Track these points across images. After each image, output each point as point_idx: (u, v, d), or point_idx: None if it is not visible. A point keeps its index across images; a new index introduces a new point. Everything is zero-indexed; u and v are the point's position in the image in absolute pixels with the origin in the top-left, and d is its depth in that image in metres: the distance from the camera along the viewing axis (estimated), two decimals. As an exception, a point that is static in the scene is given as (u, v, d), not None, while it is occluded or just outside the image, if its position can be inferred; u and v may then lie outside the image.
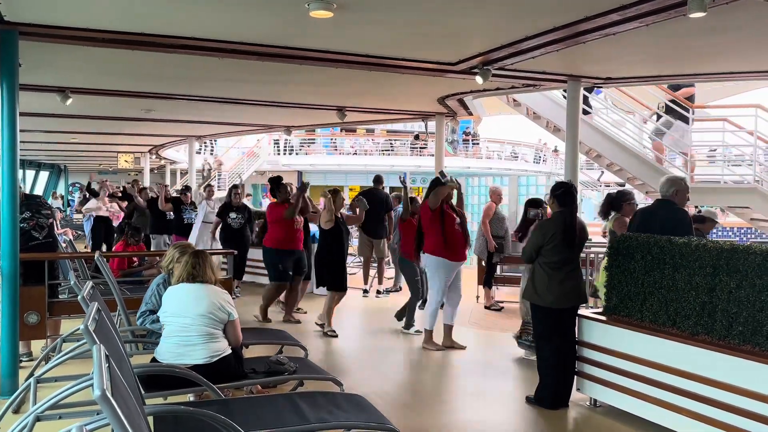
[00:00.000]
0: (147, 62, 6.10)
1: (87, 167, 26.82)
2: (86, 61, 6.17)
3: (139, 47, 5.19)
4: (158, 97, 8.33)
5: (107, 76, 7.03)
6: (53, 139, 14.48)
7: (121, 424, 1.50)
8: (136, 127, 12.26)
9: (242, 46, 5.28)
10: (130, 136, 14.32)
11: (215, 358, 3.74)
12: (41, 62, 6.03)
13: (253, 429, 2.92)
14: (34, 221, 5.51)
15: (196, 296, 3.81)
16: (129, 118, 10.83)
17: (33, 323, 5.28)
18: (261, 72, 6.58)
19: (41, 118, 10.00)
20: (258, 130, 14.45)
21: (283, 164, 26.36)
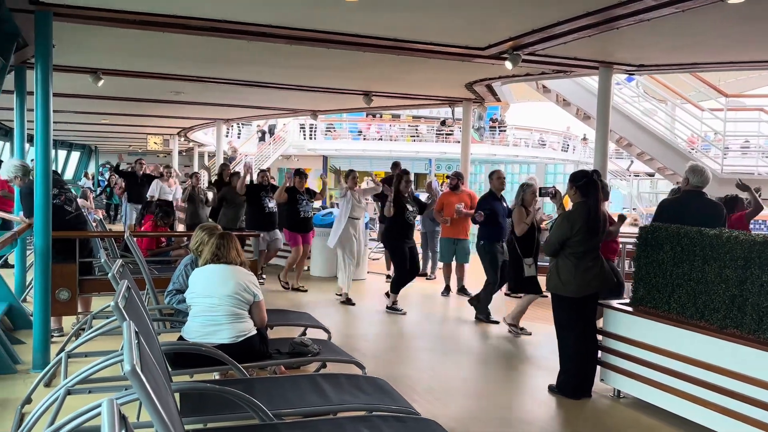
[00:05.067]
0: (177, 44, 6.15)
1: (117, 148, 27.30)
2: (118, 42, 6.25)
3: (169, 29, 5.24)
4: (187, 80, 8.41)
5: (138, 57, 7.12)
6: (84, 120, 14.72)
7: (149, 398, 1.53)
8: (166, 110, 12.41)
9: (270, 29, 5.29)
10: (160, 118, 14.50)
11: (241, 337, 3.80)
12: (74, 43, 6.11)
13: (277, 408, 2.97)
14: (63, 196, 5.64)
15: (223, 277, 3.87)
16: (158, 100, 10.96)
17: (64, 300, 5.43)
18: (288, 55, 6.59)
19: (73, 99, 10.18)
20: (284, 114, 14.51)
21: (309, 149, 26.45)
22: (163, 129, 17.96)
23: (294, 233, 8.28)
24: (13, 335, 5.38)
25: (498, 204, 6.90)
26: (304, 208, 8.23)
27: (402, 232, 7.17)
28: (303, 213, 8.23)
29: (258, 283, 4.07)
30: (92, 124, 16.12)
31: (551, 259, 4.65)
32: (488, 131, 27.51)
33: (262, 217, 8.53)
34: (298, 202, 8.21)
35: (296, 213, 8.20)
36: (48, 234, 4.76)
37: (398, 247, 7.16)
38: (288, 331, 4.91)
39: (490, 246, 6.83)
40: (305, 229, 8.39)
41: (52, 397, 3.12)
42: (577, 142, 29.34)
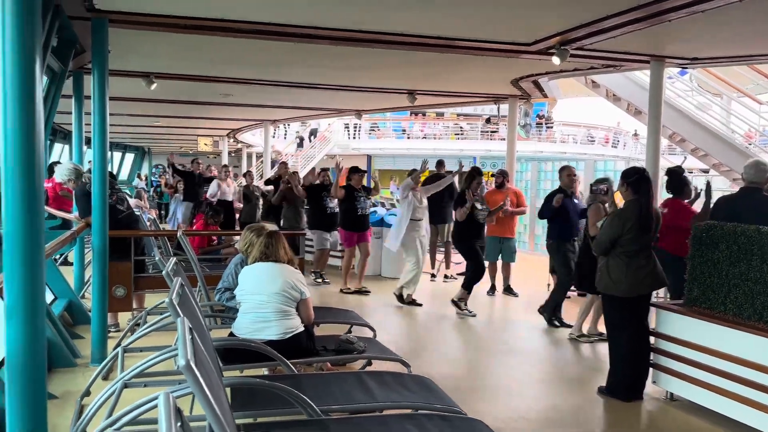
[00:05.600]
0: (226, 48, 6.31)
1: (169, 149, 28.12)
2: (169, 47, 6.44)
3: (218, 33, 5.37)
4: (236, 82, 8.60)
5: (188, 61, 7.32)
6: (138, 122, 15.23)
7: (203, 393, 1.58)
8: (215, 112, 12.72)
9: (316, 30, 5.35)
10: (210, 120, 14.88)
11: (288, 334, 3.87)
12: (128, 49, 6.34)
13: (324, 404, 3.01)
14: (115, 196, 5.85)
15: (271, 275, 3.95)
16: (209, 103, 11.24)
17: (120, 296, 5.64)
18: (334, 56, 6.66)
19: (128, 102, 10.55)
20: (330, 114, 14.65)
21: (353, 148, 26.63)
22: (213, 131, 18.42)
23: (350, 232, 8.13)
24: (73, 330, 5.62)
25: (568, 201, 6.58)
26: (361, 206, 8.08)
27: (474, 232, 6.99)
28: (360, 210, 8.08)
29: (305, 281, 4.13)
30: (146, 127, 16.65)
31: (602, 258, 4.55)
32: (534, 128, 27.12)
33: (324, 217, 8.48)
34: (356, 200, 8.05)
35: (353, 211, 8.05)
36: (105, 233, 4.96)
37: (471, 247, 6.98)
38: (334, 328, 4.97)
39: (560, 245, 6.55)
40: (362, 227, 8.21)
41: (109, 390, 3.24)
42: (627, 138, 28.58)
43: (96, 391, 3.78)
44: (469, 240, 6.99)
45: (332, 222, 8.54)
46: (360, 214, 8.09)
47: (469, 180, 6.97)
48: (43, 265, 2.01)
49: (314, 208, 8.55)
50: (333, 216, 8.51)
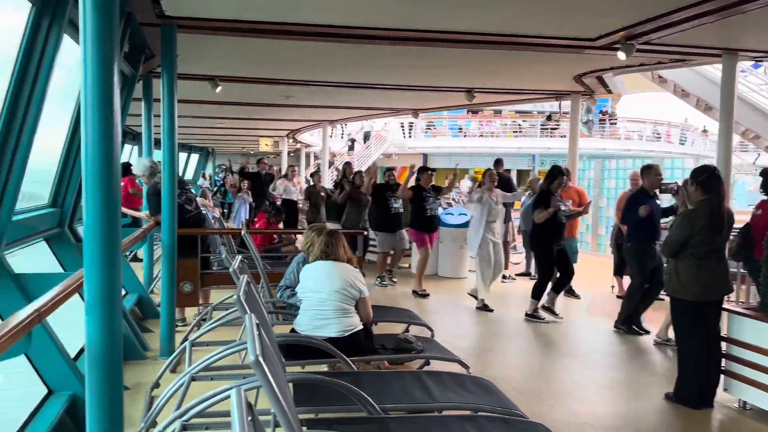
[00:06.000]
0: (287, 50, 6.44)
1: (232, 150, 28.94)
2: (234, 50, 6.64)
3: (281, 36, 5.49)
4: (296, 84, 8.77)
5: (252, 64, 7.52)
6: (203, 124, 15.75)
7: (271, 387, 1.63)
8: (276, 113, 13.00)
9: (376, 31, 5.39)
10: (271, 121, 15.23)
11: (348, 332, 3.92)
12: (195, 53, 6.56)
13: (383, 402, 3.03)
14: (184, 196, 6.06)
15: (330, 273, 4.01)
16: (270, 104, 11.51)
17: (187, 292, 5.85)
18: (392, 56, 6.69)
19: (193, 104, 10.92)
20: (387, 113, 14.72)
21: (409, 147, 26.65)
22: (274, 131, 18.83)
23: (420, 233, 7.94)
24: (143, 324, 5.87)
25: (652, 202, 6.14)
26: (430, 206, 7.89)
27: (553, 235, 6.59)
28: (429, 211, 7.90)
29: (363, 280, 4.17)
30: (210, 128, 17.20)
31: (671, 260, 4.38)
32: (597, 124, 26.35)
33: (388, 217, 8.34)
34: (425, 200, 7.86)
35: (422, 211, 7.87)
36: (174, 231, 5.15)
37: (545, 251, 6.64)
38: (392, 327, 4.99)
39: (639, 248, 6.11)
40: (431, 228, 8.04)
41: (178, 383, 3.37)
42: (696, 134, 27.37)
43: (165, 383, 3.94)
44: (550, 245, 6.58)
45: (396, 222, 8.42)
46: (429, 215, 7.92)
47: (550, 179, 6.62)
48: (119, 262, 2.12)
49: (378, 209, 8.44)
50: (397, 216, 8.40)
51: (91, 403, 2.08)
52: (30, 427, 3.11)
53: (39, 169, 3.63)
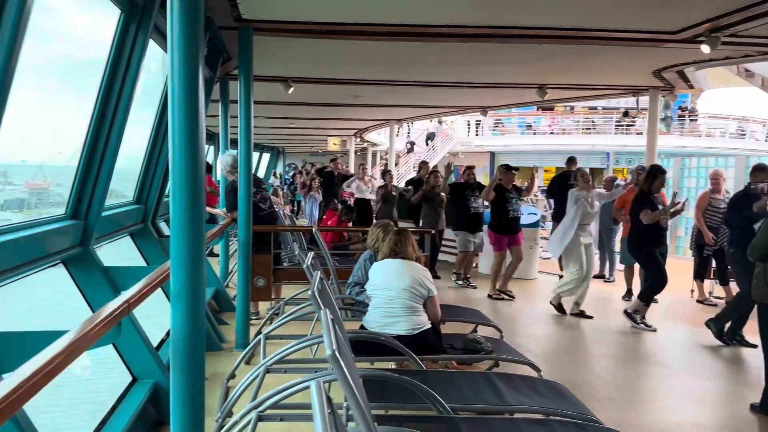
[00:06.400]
0: (357, 50, 6.52)
1: (301, 149, 29.56)
2: (306, 52, 6.78)
3: (352, 36, 5.57)
4: (366, 83, 8.85)
5: (323, 65, 7.65)
6: (274, 124, 16.16)
7: (347, 382, 1.65)
8: (345, 112, 13.18)
9: (447, 29, 5.37)
10: (339, 121, 15.45)
11: (416, 330, 3.92)
12: (269, 55, 6.75)
13: (453, 402, 3.02)
14: (259, 195, 6.24)
15: (399, 271, 4.03)
16: (339, 104, 11.68)
17: (261, 286, 6.04)
18: (461, 53, 6.64)
19: (266, 105, 11.22)
20: (455, 111, 14.63)
21: (476, 145, 26.34)
22: (342, 130, 19.09)
23: (500, 236, 7.66)
24: (219, 316, 6.10)
25: (762, 203, 5.68)
26: (513, 207, 7.61)
27: (656, 238, 6.27)
28: (512, 212, 7.62)
29: (431, 279, 4.17)
30: (280, 128, 17.64)
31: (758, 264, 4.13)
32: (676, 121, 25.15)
33: (468, 217, 8.13)
34: (507, 201, 7.56)
35: (504, 212, 7.58)
36: (249, 228, 5.32)
37: (652, 254, 6.24)
38: (459, 327, 4.96)
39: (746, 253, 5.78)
40: (513, 230, 7.72)
41: (253, 374, 3.48)
42: (786, 131, 25.66)
43: (240, 374, 4.08)
44: (650, 246, 6.24)
45: (477, 222, 8.19)
46: (511, 216, 7.62)
47: (651, 179, 6.26)
48: (203, 257, 2.21)
49: (457, 208, 8.23)
50: (477, 216, 8.17)
51: (175, 392, 2.18)
52: (117, 412, 3.29)
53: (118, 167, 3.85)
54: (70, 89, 4.97)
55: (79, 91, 4.94)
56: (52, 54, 4.19)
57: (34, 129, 4.42)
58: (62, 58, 4.77)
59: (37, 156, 6.72)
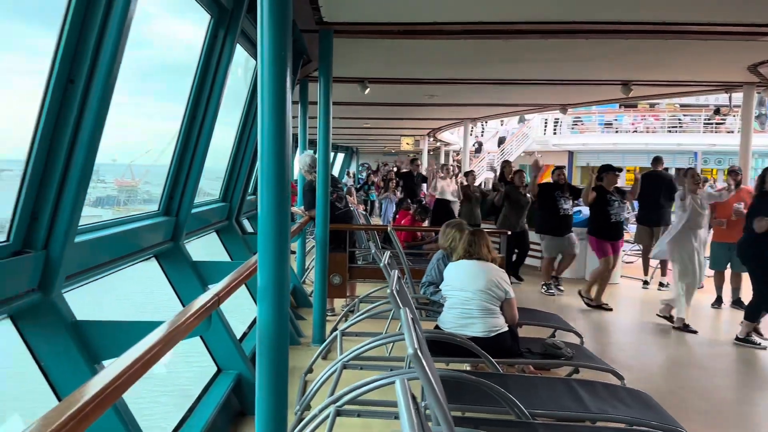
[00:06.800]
0: (433, 50, 6.50)
1: (374, 149, 29.85)
2: (383, 52, 6.83)
3: (429, 36, 5.55)
4: (441, 83, 8.81)
5: (399, 65, 7.69)
6: (349, 124, 16.39)
7: (429, 381, 1.66)
8: (419, 112, 13.19)
9: (528, 25, 5.26)
10: (413, 120, 15.47)
11: (493, 333, 3.88)
12: (347, 56, 6.84)
13: (531, 407, 2.96)
14: (336, 194, 6.35)
15: (475, 272, 3.99)
16: (414, 104, 11.69)
17: (337, 284, 6.15)
18: (541, 50, 6.48)
19: (342, 106, 11.40)
20: (532, 109, 14.31)
21: (553, 144, 25.64)
22: (415, 130, 19.12)
23: (602, 241, 7.10)
24: (296, 312, 6.27)
25: None
26: (615, 211, 7.07)
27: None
28: (614, 217, 7.07)
29: (509, 280, 4.10)
30: (354, 128, 17.87)
31: None
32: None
33: (557, 219, 7.76)
34: (609, 204, 7.01)
35: (606, 217, 7.05)
36: (326, 226, 5.42)
37: (765, 265, 5.72)
38: (536, 330, 4.85)
39: None
40: (616, 235, 7.17)
41: (330, 369, 3.56)
42: None
43: (317, 368, 4.17)
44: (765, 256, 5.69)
45: (565, 225, 7.82)
46: (614, 221, 7.09)
47: (761, 182, 5.87)
48: (288, 253, 2.27)
49: (545, 210, 7.85)
50: (566, 218, 7.81)
51: (260, 384, 2.25)
52: (202, 401, 3.44)
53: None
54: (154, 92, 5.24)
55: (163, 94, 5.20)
56: (138, 58, 4.44)
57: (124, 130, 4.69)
58: (146, 62, 5.01)
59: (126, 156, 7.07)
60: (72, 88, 2.20)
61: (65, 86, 2.20)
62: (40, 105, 2.17)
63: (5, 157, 3.88)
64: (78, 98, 2.21)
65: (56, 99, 2.19)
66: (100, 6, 2.25)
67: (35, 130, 2.19)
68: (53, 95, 2.18)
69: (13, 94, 3.37)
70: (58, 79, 2.18)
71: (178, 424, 3.18)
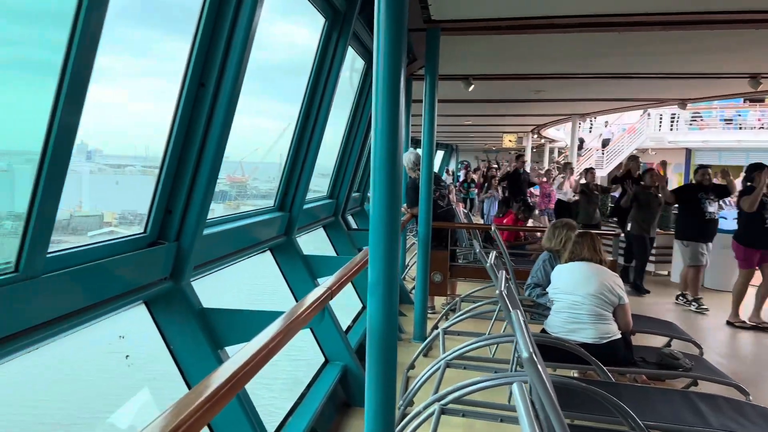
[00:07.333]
0: (542, 44, 6.32)
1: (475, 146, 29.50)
2: (488, 49, 6.74)
3: (541, 30, 5.41)
4: (548, 78, 8.55)
5: (505, 61, 7.55)
6: (450, 122, 16.31)
7: (544, 385, 1.63)
8: (523, 108, 12.86)
9: (647, 17, 4.98)
10: (517, 117, 15.12)
11: (604, 339, 3.73)
12: (452, 54, 6.81)
13: (646, 419, 2.82)
14: (438, 192, 6.34)
15: (587, 276, 3.85)
16: (519, 100, 11.42)
17: (438, 282, 6.15)
18: (660, 42, 6.11)
19: (443, 103, 11.36)
20: (647, 105, 13.51)
21: (669, 141, 24.07)
22: (518, 127, 18.67)
23: (749, 249, 6.39)
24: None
25: None
26: None
27: None
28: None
29: (623, 285, 3.92)
30: (456, 125, 17.74)
31: None
32: None
33: (702, 224, 7.06)
34: (765, 208, 6.36)
35: (759, 222, 6.36)
36: (429, 224, 5.44)
37: None
38: (649, 339, 4.60)
39: None
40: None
41: (434, 367, 3.57)
42: None
43: (419, 365, 4.20)
44: None
45: (711, 231, 7.16)
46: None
47: None
48: (398, 249, 2.30)
49: (688, 214, 7.21)
50: (712, 223, 7.14)
51: (370, 378, 2.29)
52: (312, 389, 3.58)
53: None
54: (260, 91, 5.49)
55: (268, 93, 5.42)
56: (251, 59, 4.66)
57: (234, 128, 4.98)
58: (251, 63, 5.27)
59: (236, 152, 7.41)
60: (203, 91, 2.36)
61: (197, 90, 2.36)
62: (175, 107, 2.35)
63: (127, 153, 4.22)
64: (208, 101, 2.36)
65: (189, 102, 2.36)
66: (228, 15, 2.39)
67: (170, 131, 2.37)
68: (186, 98, 2.35)
69: (138, 96, 3.65)
70: (191, 83, 2.35)
71: (289, 411, 3.32)
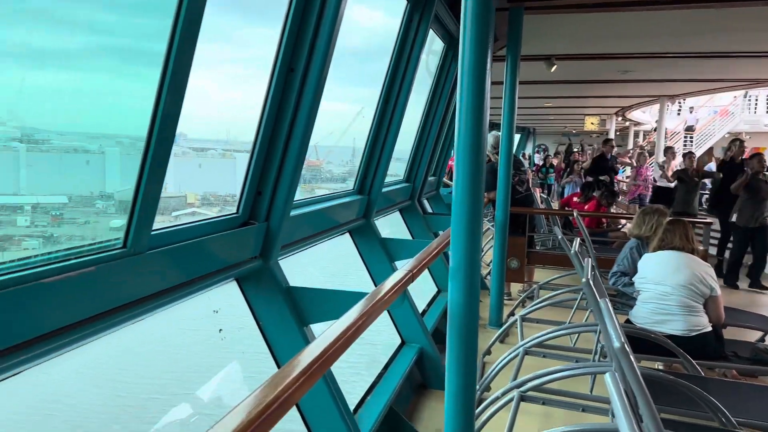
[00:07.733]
0: (629, 22, 6.03)
1: (554, 129, 28.64)
2: (572, 28, 6.50)
3: (629, 8, 5.16)
4: (638, 57, 8.15)
5: (590, 41, 7.26)
6: (528, 104, 15.87)
7: (636, 377, 1.58)
8: (607, 90, 12.34)
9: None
10: (600, 99, 14.52)
11: (694, 332, 3.57)
12: (534, 34, 6.61)
13: (738, 415, 2.70)
14: (517, 177, 6.21)
15: (676, 266, 3.68)
16: (602, 81, 10.97)
17: (514, 268, 6.05)
18: (759, 19, 5.69)
19: (523, 85, 11.03)
20: (744, 85, 12.62)
21: (765, 124, 22.49)
22: (601, 109, 17.94)
23: None
24: (473, 293, 6.30)
25: None
26: None
27: None
28: None
29: (715, 276, 3.73)
30: (534, 108, 17.26)
31: None
32: None
33: None
34: None
35: None
36: (507, 209, 5.35)
37: None
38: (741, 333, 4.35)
39: None
40: None
41: (512, 353, 3.54)
42: None
43: (495, 351, 4.18)
44: None
45: None
46: None
47: None
48: (481, 233, 2.29)
49: None
50: None
51: (450, 361, 2.31)
52: (389, 369, 3.64)
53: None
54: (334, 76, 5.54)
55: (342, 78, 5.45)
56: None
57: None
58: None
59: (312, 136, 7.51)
60: (292, 76, 2.42)
61: (286, 75, 2.43)
62: (266, 92, 2.43)
63: (207, 137, 4.39)
64: (297, 85, 2.42)
65: (279, 87, 2.42)
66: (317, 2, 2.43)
67: (261, 115, 2.45)
68: (276, 83, 2.42)
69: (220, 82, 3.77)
70: (281, 68, 2.41)
71: (367, 390, 3.40)
